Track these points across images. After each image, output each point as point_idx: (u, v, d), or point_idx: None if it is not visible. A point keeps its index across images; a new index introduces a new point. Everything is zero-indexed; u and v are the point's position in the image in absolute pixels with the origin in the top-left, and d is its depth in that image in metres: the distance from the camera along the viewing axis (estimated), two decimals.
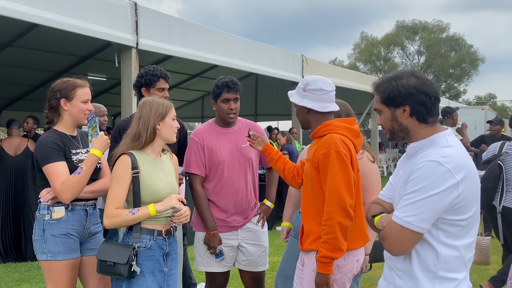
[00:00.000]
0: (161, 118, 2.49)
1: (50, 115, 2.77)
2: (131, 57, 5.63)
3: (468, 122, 11.18)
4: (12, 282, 4.94)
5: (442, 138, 1.76)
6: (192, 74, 12.20)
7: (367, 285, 4.94)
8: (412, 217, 1.67)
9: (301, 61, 9.50)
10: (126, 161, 2.41)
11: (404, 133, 1.83)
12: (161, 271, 2.49)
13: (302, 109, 2.51)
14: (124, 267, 2.34)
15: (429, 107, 1.77)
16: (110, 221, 2.38)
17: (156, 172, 2.50)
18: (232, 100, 3.07)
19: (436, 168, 1.65)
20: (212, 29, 7.19)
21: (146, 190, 2.43)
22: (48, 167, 2.58)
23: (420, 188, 1.66)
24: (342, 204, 2.26)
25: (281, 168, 2.83)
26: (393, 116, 1.83)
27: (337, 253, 2.28)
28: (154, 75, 3.15)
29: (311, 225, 2.43)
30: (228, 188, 3.09)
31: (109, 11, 5.26)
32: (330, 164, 2.29)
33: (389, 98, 1.81)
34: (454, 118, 6.65)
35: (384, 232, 1.75)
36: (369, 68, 47.52)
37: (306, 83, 2.49)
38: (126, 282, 2.40)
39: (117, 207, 2.39)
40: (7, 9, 4.21)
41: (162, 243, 2.49)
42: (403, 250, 1.72)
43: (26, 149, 5.83)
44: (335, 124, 2.42)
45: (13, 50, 8.02)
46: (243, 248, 3.14)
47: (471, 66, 45.10)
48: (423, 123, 1.79)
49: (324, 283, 2.30)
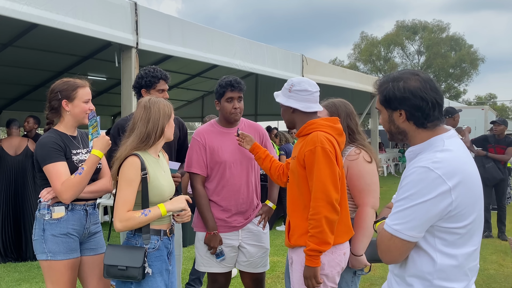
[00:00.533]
0: (168, 118, 2.51)
1: (50, 115, 2.77)
2: (131, 57, 5.63)
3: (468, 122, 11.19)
4: (12, 282, 4.94)
5: (439, 141, 1.67)
6: (192, 74, 12.20)
7: (367, 285, 4.95)
8: (400, 225, 1.61)
9: (301, 61, 9.50)
10: (135, 163, 2.39)
11: (402, 135, 1.77)
12: (167, 270, 2.52)
13: (288, 109, 2.59)
14: (139, 270, 2.33)
15: (427, 113, 1.67)
16: (123, 225, 2.35)
17: (160, 172, 2.51)
18: (236, 99, 3.07)
19: (425, 175, 1.57)
20: (212, 29, 7.19)
21: (154, 191, 2.43)
22: (49, 167, 2.58)
23: (409, 196, 1.59)
24: (328, 198, 2.34)
25: (267, 167, 2.92)
26: (390, 118, 1.76)
27: (324, 246, 2.36)
28: (155, 76, 3.14)
29: (298, 220, 2.50)
30: (229, 188, 3.08)
31: (109, 11, 5.26)
32: (316, 160, 2.38)
33: (385, 100, 1.74)
34: (455, 119, 6.70)
35: (377, 240, 1.72)
36: (369, 68, 47.53)
37: (291, 84, 2.56)
38: (135, 284, 2.39)
39: (128, 210, 2.37)
40: (7, 9, 4.21)
41: (167, 242, 2.52)
42: (393, 258, 1.68)
43: (26, 149, 5.84)
44: (320, 123, 2.51)
45: (13, 50, 8.02)
46: (244, 249, 3.14)
47: (471, 66, 45.11)
48: (421, 127, 1.70)
49: (313, 276, 2.39)
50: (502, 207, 7.29)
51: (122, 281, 2.41)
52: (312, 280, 2.39)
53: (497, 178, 7.19)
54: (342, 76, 11.35)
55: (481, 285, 5.05)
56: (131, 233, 2.46)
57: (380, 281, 5.03)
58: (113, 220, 2.39)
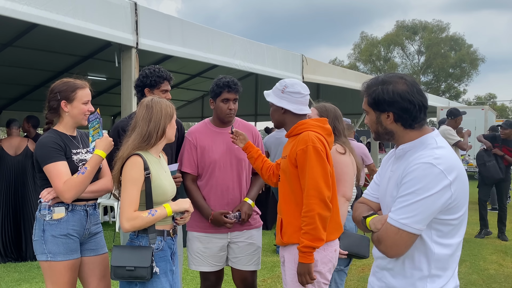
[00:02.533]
0: (169, 119, 2.52)
1: (49, 115, 2.76)
2: (131, 57, 5.63)
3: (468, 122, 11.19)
4: (12, 282, 4.94)
5: (431, 140, 1.79)
6: (192, 74, 12.21)
7: (367, 284, 4.94)
8: (408, 219, 1.69)
9: (301, 61, 9.50)
10: (138, 162, 2.39)
11: (389, 136, 1.87)
12: (171, 271, 2.52)
13: (279, 109, 2.64)
14: (147, 270, 2.33)
15: (414, 115, 1.78)
16: (131, 224, 2.34)
17: (161, 171, 2.52)
18: (232, 100, 3.08)
19: (430, 170, 1.67)
20: (212, 29, 7.19)
21: (157, 190, 2.43)
22: (49, 166, 2.58)
23: (415, 190, 1.68)
24: (321, 196, 2.41)
25: (259, 166, 2.95)
26: (378, 120, 1.85)
27: (318, 243, 2.41)
28: (160, 76, 3.13)
29: (290, 218, 2.55)
30: (218, 188, 3.09)
31: (109, 11, 5.26)
32: (308, 159, 2.44)
33: (374, 103, 1.83)
34: (457, 121, 6.81)
35: (380, 235, 1.77)
36: (369, 68, 47.55)
37: (285, 85, 2.61)
38: (140, 284, 2.38)
39: (134, 210, 2.36)
40: (7, 9, 4.21)
41: (171, 243, 2.52)
42: (400, 252, 1.75)
43: (26, 149, 5.84)
44: (310, 123, 2.58)
45: (13, 50, 8.01)
46: (233, 245, 3.13)
47: (471, 66, 45.17)
48: (408, 128, 1.81)
49: (307, 272, 2.43)
50: (503, 208, 7.29)
51: (127, 282, 2.41)
52: (306, 277, 2.44)
53: (496, 177, 7.19)
54: (342, 76, 11.35)
55: (481, 285, 5.05)
56: (134, 234, 2.45)
57: None
58: (120, 220, 2.38)
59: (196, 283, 4.83)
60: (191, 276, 5.07)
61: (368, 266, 5.57)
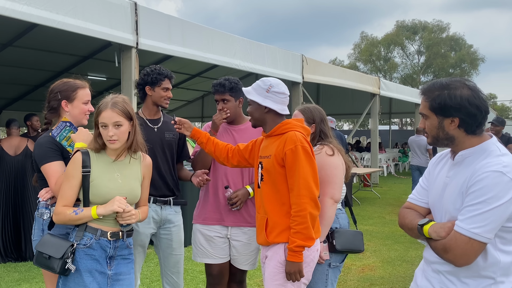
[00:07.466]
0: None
1: (49, 115, 2.76)
2: (131, 57, 5.64)
3: None
4: (12, 282, 4.94)
5: (493, 146, 1.78)
6: (192, 74, 12.23)
7: (367, 285, 4.94)
8: (479, 229, 1.68)
9: (301, 61, 9.51)
10: (76, 159, 2.40)
11: (449, 141, 1.84)
12: (103, 273, 2.41)
13: (261, 108, 2.62)
14: (58, 262, 2.30)
15: (480, 121, 1.77)
16: (56, 218, 2.39)
17: (110, 173, 2.44)
18: (220, 101, 3.15)
19: (500, 179, 1.67)
20: (212, 29, 7.19)
21: (93, 190, 2.40)
22: (46, 166, 2.58)
23: (486, 199, 1.67)
24: (312, 195, 2.43)
25: (211, 150, 2.91)
26: (440, 125, 1.82)
27: (309, 242, 2.43)
28: (161, 74, 3.19)
29: (276, 217, 2.53)
30: (219, 185, 3.12)
31: (109, 11, 5.27)
32: (297, 158, 2.45)
33: (440, 108, 1.80)
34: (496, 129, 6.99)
35: (448, 244, 1.75)
36: (369, 68, 47.56)
37: (270, 85, 2.60)
38: (62, 279, 2.37)
39: (65, 205, 2.37)
40: (7, 9, 4.21)
41: (106, 245, 2.41)
42: (469, 261, 1.73)
43: (26, 149, 5.83)
44: (294, 123, 2.59)
45: (13, 50, 8.03)
46: (233, 242, 3.14)
47: (471, 66, 45.14)
48: (471, 134, 1.79)
49: (297, 271, 2.44)
50: None
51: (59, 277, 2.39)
52: (297, 275, 2.45)
53: None
54: (342, 76, 11.36)
55: None
56: (71, 227, 2.46)
57: (380, 281, 5.04)
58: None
59: (196, 283, 4.84)
60: (191, 276, 5.07)
61: (368, 266, 5.57)
